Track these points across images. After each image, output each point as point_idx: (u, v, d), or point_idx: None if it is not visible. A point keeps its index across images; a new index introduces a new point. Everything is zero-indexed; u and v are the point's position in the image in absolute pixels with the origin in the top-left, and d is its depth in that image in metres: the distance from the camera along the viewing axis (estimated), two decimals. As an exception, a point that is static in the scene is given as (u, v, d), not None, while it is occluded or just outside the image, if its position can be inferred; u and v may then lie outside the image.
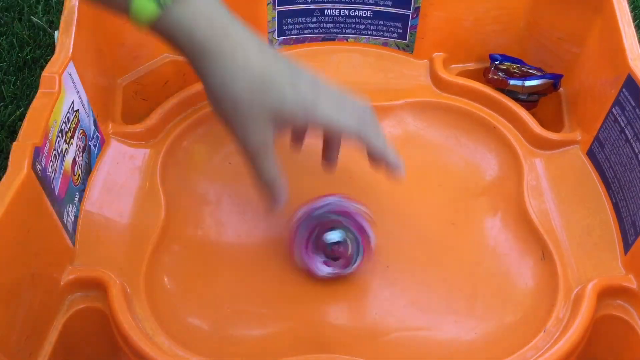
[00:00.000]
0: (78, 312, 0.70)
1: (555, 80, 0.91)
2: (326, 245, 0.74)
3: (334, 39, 0.98)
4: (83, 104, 0.77)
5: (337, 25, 0.97)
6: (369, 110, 0.73)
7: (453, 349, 0.71)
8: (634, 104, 0.75)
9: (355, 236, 0.74)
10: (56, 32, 0.77)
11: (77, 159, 0.75)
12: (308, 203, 0.75)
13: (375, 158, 0.73)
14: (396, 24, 0.96)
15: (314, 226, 0.74)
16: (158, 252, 0.75)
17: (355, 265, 0.74)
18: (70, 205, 0.73)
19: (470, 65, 0.98)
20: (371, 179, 0.86)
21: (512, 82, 0.91)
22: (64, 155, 0.72)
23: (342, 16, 0.96)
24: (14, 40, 1.21)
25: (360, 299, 0.75)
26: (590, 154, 0.83)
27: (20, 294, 0.63)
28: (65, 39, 0.76)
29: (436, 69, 0.94)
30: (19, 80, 1.15)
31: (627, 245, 0.74)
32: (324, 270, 0.74)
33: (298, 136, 0.81)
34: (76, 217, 0.74)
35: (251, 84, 0.65)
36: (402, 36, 0.97)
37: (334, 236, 0.74)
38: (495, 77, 0.92)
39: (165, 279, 0.75)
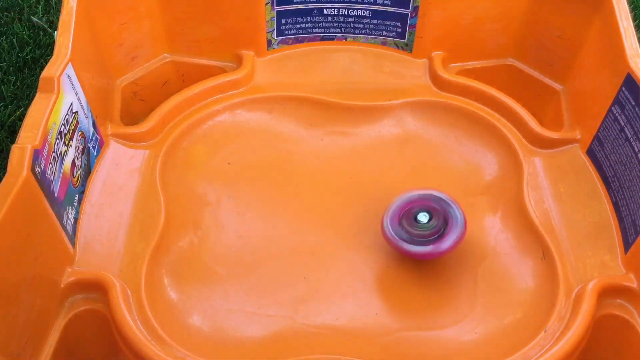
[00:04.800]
0: (78, 314, 0.70)
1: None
2: (414, 223, 0.76)
3: (332, 39, 0.98)
4: (82, 106, 0.77)
5: (335, 24, 0.97)
6: None
7: (453, 349, 0.71)
8: (633, 103, 0.75)
9: (441, 215, 0.76)
10: (56, 32, 0.77)
11: (76, 161, 0.75)
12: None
13: None
14: (395, 23, 0.96)
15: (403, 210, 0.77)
16: (158, 254, 0.75)
17: (447, 243, 0.75)
18: (70, 208, 0.73)
19: (470, 64, 0.97)
20: (371, 179, 0.86)
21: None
22: (63, 157, 0.71)
23: (341, 15, 0.96)
24: (14, 40, 1.21)
25: (360, 299, 0.75)
26: (590, 152, 0.83)
27: (21, 297, 0.63)
28: (64, 41, 0.76)
29: (435, 68, 0.94)
30: (19, 80, 1.15)
31: (627, 245, 0.74)
32: (412, 248, 0.75)
33: None
34: (76, 219, 0.74)
35: None
36: (401, 35, 0.97)
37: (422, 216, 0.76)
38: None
39: (166, 280, 0.75)
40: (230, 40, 0.95)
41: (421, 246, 0.75)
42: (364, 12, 0.96)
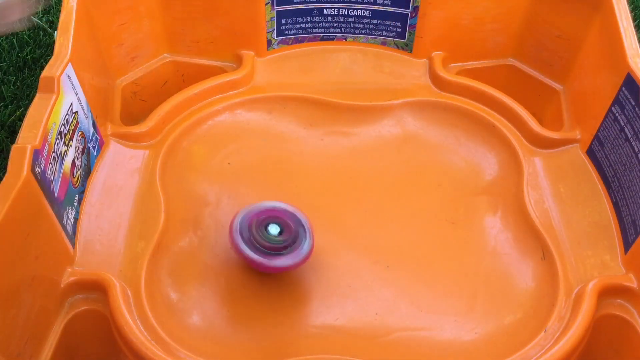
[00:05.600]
0: (78, 314, 0.70)
1: None
2: (265, 237, 0.74)
3: (332, 39, 0.98)
4: (82, 106, 0.77)
5: (335, 24, 0.97)
6: None
7: (453, 349, 0.71)
8: (633, 103, 0.75)
9: (292, 226, 0.74)
10: (56, 32, 0.77)
11: (76, 161, 0.75)
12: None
13: None
14: (395, 23, 0.96)
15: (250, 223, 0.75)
16: (158, 254, 0.75)
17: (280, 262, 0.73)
18: (70, 208, 0.73)
19: (470, 64, 0.97)
20: (371, 179, 0.86)
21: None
22: (63, 158, 0.71)
23: (341, 16, 0.96)
24: (14, 40, 1.21)
25: (360, 299, 0.75)
26: (590, 152, 0.83)
27: (21, 297, 0.63)
28: (64, 41, 0.76)
29: (435, 68, 0.94)
30: (19, 80, 1.15)
31: (627, 245, 0.74)
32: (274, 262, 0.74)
33: None
34: (76, 219, 0.74)
35: None
36: (401, 35, 0.97)
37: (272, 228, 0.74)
38: None
39: (165, 280, 0.75)
40: (230, 40, 0.95)
41: (258, 255, 0.73)
42: (364, 12, 0.96)
